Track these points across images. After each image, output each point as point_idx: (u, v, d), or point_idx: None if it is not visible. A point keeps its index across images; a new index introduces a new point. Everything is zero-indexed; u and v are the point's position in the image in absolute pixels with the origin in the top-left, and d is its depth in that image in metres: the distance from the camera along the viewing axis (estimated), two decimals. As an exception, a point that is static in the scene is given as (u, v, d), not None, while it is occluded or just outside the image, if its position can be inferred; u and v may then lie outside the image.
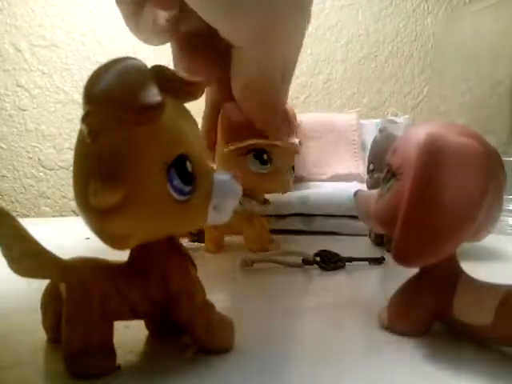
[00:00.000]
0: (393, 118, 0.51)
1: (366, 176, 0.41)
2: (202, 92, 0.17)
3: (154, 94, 0.15)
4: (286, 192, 0.36)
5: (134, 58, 0.15)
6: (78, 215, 0.15)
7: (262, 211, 0.36)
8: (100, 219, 0.15)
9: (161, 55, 0.76)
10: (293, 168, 0.35)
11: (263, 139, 0.31)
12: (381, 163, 0.30)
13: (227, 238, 0.43)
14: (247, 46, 0.24)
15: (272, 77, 0.26)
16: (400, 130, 0.38)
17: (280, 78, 0.27)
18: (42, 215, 0.68)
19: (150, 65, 0.16)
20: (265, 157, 0.32)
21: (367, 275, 0.30)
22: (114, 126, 0.14)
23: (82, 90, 0.15)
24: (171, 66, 0.31)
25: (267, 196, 0.36)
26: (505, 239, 0.40)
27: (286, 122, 0.31)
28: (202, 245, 0.37)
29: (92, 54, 0.68)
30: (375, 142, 0.39)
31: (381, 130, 0.38)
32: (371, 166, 0.38)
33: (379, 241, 0.38)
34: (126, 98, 0.14)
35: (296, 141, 0.33)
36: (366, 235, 0.42)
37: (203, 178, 0.16)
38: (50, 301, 0.18)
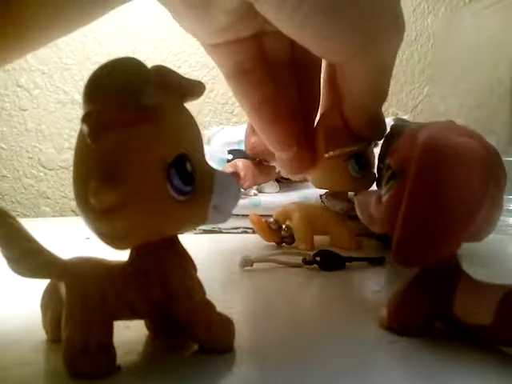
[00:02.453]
0: (403, 117, 0.50)
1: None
2: (202, 92, 0.17)
3: (153, 94, 0.15)
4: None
5: (134, 58, 0.15)
6: (78, 215, 0.15)
7: (348, 209, 0.37)
8: (100, 219, 0.15)
9: (161, 55, 0.76)
10: None
11: (361, 143, 0.32)
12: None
13: (225, 238, 0.44)
14: (348, 62, 0.25)
15: (381, 86, 0.27)
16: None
17: (388, 86, 0.28)
18: (42, 215, 0.68)
19: (150, 65, 0.16)
20: (363, 161, 0.33)
21: (367, 275, 0.30)
22: (114, 125, 0.14)
23: (82, 89, 0.15)
24: (170, 65, 0.31)
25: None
26: (505, 239, 0.40)
27: (384, 122, 0.31)
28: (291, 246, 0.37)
29: (92, 54, 0.68)
30: (387, 140, 0.38)
31: (393, 128, 0.38)
32: (381, 165, 0.38)
33: (383, 240, 0.38)
34: (125, 97, 0.14)
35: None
36: (365, 235, 0.41)
37: (203, 178, 0.16)
38: (50, 301, 0.18)
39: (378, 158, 0.40)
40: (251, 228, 0.44)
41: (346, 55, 0.24)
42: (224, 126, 0.63)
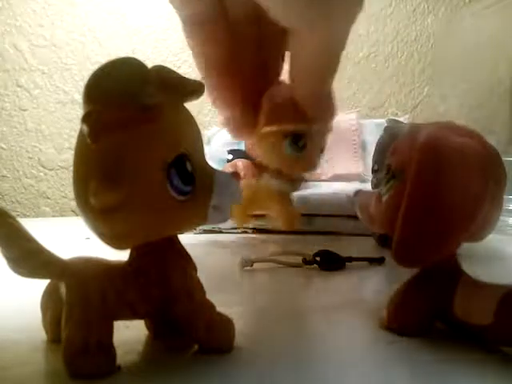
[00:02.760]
0: (397, 117, 0.51)
1: (365, 176, 0.41)
2: (202, 92, 0.17)
3: (153, 94, 0.15)
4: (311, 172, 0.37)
5: (134, 58, 0.15)
6: (78, 215, 0.16)
7: (291, 190, 0.38)
8: (100, 219, 0.15)
9: (161, 55, 0.76)
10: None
11: (303, 124, 0.31)
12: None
13: (225, 238, 0.44)
14: (304, 31, 0.24)
15: (331, 61, 0.27)
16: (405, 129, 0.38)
17: (338, 63, 0.27)
18: (42, 215, 0.68)
19: (150, 65, 0.16)
20: (301, 142, 0.32)
21: (367, 275, 0.30)
22: (114, 125, 0.14)
23: (82, 89, 0.15)
24: (170, 65, 0.31)
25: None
26: (505, 239, 0.40)
27: (331, 106, 0.30)
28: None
29: (92, 54, 0.68)
30: (380, 142, 0.39)
31: (386, 130, 0.38)
32: (375, 166, 0.38)
33: (383, 241, 0.38)
34: (125, 97, 0.14)
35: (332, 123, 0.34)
36: (365, 235, 0.42)
37: (203, 177, 0.16)
38: (50, 301, 0.18)
39: (373, 160, 0.40)
40: (251, 228, 0.44)
41: (304, 21, 0.23)
42: (224, 126, 0.62)
